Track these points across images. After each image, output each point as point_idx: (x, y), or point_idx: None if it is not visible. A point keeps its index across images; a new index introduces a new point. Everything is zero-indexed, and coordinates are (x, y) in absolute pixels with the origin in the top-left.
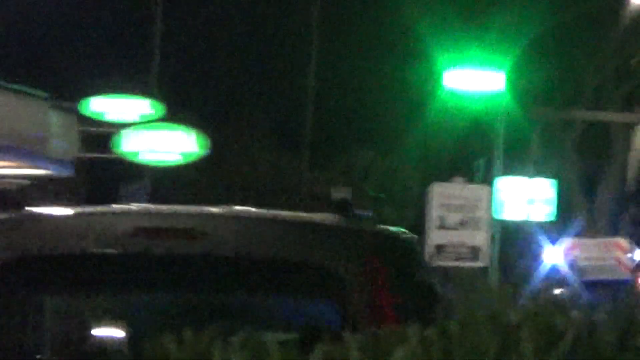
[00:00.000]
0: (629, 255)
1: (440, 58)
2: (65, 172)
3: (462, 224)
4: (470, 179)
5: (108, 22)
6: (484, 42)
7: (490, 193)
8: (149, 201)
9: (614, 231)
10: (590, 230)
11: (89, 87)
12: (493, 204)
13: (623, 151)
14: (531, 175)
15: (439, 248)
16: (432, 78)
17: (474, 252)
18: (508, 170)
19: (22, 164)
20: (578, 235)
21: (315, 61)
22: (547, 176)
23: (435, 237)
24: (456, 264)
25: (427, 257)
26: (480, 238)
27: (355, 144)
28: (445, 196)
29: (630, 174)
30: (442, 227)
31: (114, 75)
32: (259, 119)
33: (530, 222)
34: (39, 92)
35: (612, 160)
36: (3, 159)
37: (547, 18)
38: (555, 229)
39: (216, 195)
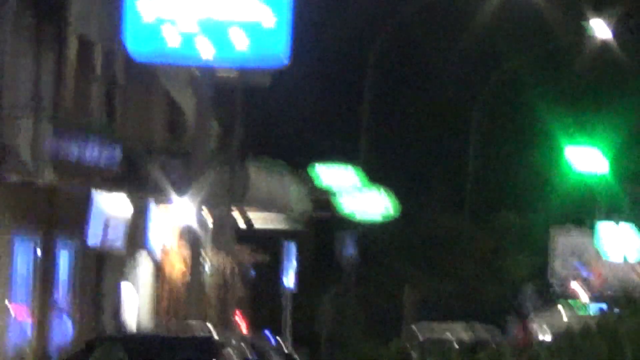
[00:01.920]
0: None
1: (563, 138)
2: (301, 228)
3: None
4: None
5: (322, 105)
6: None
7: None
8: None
9: None
10: None
11: (314, 158)
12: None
13: None
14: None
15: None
16: (557, 154)
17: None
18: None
19: (275, 223)
20: None
21: (477, 145)
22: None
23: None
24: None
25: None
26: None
27: (503, 207)
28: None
29: None
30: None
31: (329, 148)
32: (436, 190)
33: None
34: (282, 163)
35: None
36: (262, 219)
37: None
38: None
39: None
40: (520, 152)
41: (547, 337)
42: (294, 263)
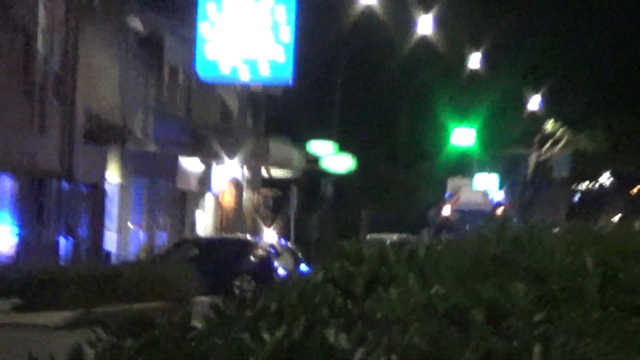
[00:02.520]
0: (490, 198)
1: (452, 122)
2: (299, 177)
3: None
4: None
5: (311, 91)
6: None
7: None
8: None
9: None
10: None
11: (308, 134)
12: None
13: None
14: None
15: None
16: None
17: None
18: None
19: (284, 174)
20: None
21: (405, 122)
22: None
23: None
24: None
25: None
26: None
27: (421, 161)
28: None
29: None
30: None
31: (318, 125)
32: (381, 150)
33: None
34: (288, 139)
35: None
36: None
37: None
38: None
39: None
40: (431, 129)
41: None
42: (295, 197)
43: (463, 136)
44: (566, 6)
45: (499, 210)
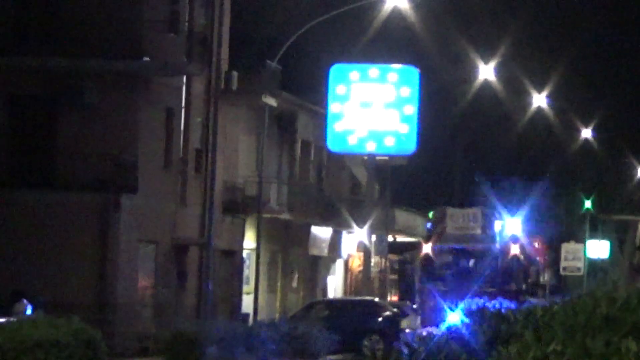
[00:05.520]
0: (491, 227)
1: None
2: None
3: None
4: None
5: (433, 161)
6: None
7: None
8: None
9: None
10: None
11: (431, 202)
12: None
13: None
14: None
15: None
16: None
17: None
18: None
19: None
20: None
21: None
22: None
23: None
24: None
25: None
26: None
27: None
28: None
29: None
30: None
31: (440, 194)
32: None
33: None
34: (411, 208)
35: None
36: None
37: None
38: None
39: None
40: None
41: None
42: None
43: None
44: None
45: (515, 249)
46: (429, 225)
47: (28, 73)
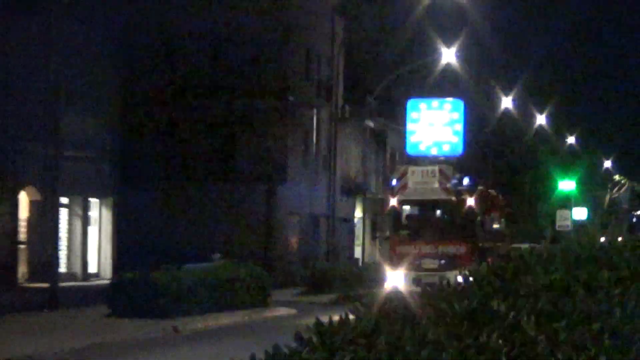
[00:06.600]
0: (453, 181)
1: None
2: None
3: None
4: None
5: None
6: None
7: None
8: None
9: None
10: None
11: None
12: None
13: None
14: None
15: None
16: None
17: None
18: None
19: None
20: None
21: None
22: None
23: None
24: None
25: None
26: None
27: None
28: None
29: None
30: None
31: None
32: None
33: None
34: None
35: None
36: None
37: None
38: None
39: None
40: (548, 188)
41: None
42: None
43: (567, 185)
44: None
45: (470, 202)
46: (394, 181)
47: (220, 109)
